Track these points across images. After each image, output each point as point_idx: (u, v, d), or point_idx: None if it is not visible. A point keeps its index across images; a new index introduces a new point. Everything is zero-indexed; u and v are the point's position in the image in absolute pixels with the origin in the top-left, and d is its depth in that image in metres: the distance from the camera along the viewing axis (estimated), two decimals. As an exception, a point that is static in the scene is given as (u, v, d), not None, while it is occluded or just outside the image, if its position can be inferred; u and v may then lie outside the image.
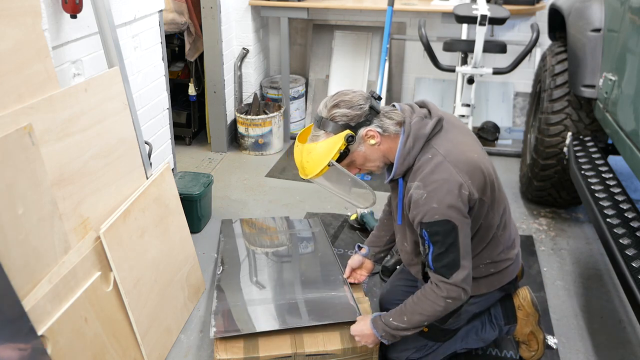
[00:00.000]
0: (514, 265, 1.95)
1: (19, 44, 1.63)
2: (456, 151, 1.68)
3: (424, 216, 1.64)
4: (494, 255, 1.86)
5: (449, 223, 1.62)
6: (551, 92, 2.89)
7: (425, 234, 1.66)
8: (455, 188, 1.62)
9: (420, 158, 1.69)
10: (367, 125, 1.69)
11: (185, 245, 2.42)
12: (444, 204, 1.61)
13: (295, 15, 3.94)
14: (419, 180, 1.66)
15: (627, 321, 2.36)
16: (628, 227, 2.04)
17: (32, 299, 1.55)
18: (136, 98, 2.57)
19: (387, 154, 1.75)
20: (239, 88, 4.11)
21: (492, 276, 1.90)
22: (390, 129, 1.70)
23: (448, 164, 1.64)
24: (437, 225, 1.62)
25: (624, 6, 2.36)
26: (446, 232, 1.63)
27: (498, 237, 1.84)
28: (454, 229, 1.63)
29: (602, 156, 2.59)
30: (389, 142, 1.72)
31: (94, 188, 1.91)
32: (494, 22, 3.07)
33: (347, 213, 3.19)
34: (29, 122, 1.59)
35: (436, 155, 1.67)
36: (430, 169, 1.65)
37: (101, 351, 1.81)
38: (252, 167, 3.82)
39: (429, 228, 1.64)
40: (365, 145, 1.71)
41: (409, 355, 1.98)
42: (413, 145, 1.68)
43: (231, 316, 2.12)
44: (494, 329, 2.05)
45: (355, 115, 1.67)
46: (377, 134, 1.70)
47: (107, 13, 2.07)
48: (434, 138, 1.71)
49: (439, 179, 1.63)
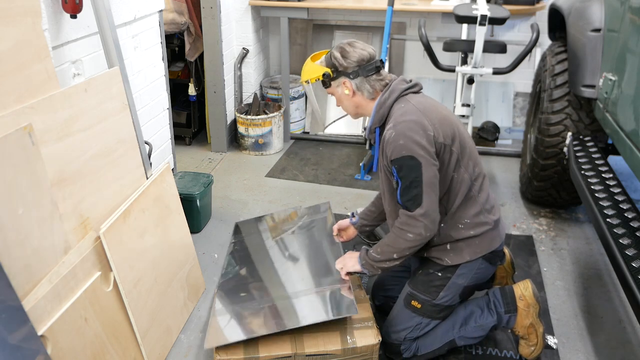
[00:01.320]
0: (495, 232, 2.02)
1: (19, 44, 1.63)
2: (427, 104, 1.94)
3: (392, 152, 1.85)
4: (472, 216, 1.97)
5: (413, 159, 1.82)
6: (551, 92, 2.89)
7: (395, 171, 1.87)
8: (419, 128, 1.84)
9: (394, 107, 1.94)
10: (349, 78, 1.97)
11: (185, 245, 2.42)
12: (409, 140, 1.82)
13: (295, 15, 3.94)
14: (390, 122, 1.91)
15: (627, 321, 2.36)
16: (628, 227, 2.04)
17: (32, 299, 1.56)
18: (136, 98, 2.57)
19: (358, 107, 2.04)
20: (239, 88, 4.11)
21: (472, 240, 1.98)
22: (364, 91, 1.98)
23: (417, 110, 1.89)
24: (402, 160, 1.83)
25: (624, 6, 2.36)
26: (410, 167, 1.83)
27: (475, 197, 1.97)
28: (418, 165, 1.82)
29: (602, 156, 2.59)
30: (360, 99, 2.00)
31: (94, 188, 1.91)
32: (494, 22, 3.07)
33: (347, 213, 3.19)
34: (29, 122, 1.59)
35: (408, 103, 1.92)
36: (401, 112, 1.90)
37: (101, 351, 1.81)
38: (252, 167, 3.82)
39: (396, 163, 1.85)
40: (342, 90, 2.01)
41: (406, 334, 2.04)
42: (389, 96, 1.95)
43: (227, 322, 2.11)
44: (492, 315, 2.07)
45: (343, 64, 1.96)
46: (351, 88, 1.98)
47: (107, 13, 2.07)
48: (410, 94, 1.96)
49: (407, 119, 1.86)
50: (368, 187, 3.52)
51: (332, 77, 1.99)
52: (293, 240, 2.62)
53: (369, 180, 3.60)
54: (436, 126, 1.87)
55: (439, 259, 2.00)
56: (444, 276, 2.00)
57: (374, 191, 3.45)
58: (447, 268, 2.00)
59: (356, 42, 2.00)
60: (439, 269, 2.01)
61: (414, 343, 2.06)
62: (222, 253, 2.83)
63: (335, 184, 3.57)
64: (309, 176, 3.69)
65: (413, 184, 1.83)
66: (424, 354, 2.07)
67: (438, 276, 2.01)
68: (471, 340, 2.09)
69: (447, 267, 1.99)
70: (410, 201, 1.85)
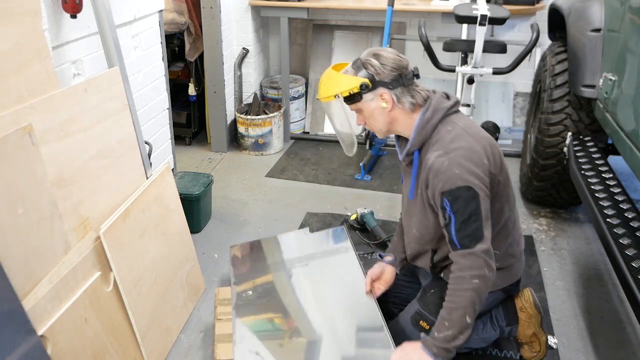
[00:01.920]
0: (518, 265, 1.96)
1: (19, 44, 1.63)
2: (474, 127, 1.76)
3: (445, 183, 1.65)
4: (503, 246, 1.86)
5: (470, 190, 1.63)
6: (551, 92, 2.89)
7: (447, 203, 1.66)
8: (476, 156, 1.67)
9: (440, 130, 1.74)
10: (389, 88, 1.74)
11: (185, 245, 2.42)
12: (466, 169, 1.64)
13: (295, 15, 3.94)
14: (440, 149, 1.70)
15: (627, 321, 2.36)
16: (628, 227, 2.04)
17: (32, 299, 1.55)
18: (136, 98, 2.57)
19: (393, 122, 1.81)
20: (239, 88, 4.11)
21: (498, 272, 1.87)
22: (405, 103, 1.76)
23: (468, 135, 1.70)
24: (458, 191, 1.63)
25: (624, 6, 2.36)
26: (468, 198, 1.63)
27: (509, 228, 1.87)
28: (475, 196, 1.63)
29: (602, 156, 2.59)
30: (399, 113, 1.78)
31: (94, 188, 1.91)
32: (494, 22, 3.06)
33: (347, 213, 3.19)
34: (29, 122, 1.59)
35: (455, 127, 1.73)
36: (451, 137, 1.70)
37: (101, 351, 1.81)
38: (252, 167, 3.82)
39: (450, 195, 1.64)
40: (377, 103, 1.77)
41: None
42: (432, 115, 1.75)
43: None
44: (494, 329, 2.05)
45: (382, 73, 1.73)
46: (391, 100, 1.75)
47: (107, 13, 2.07)
48: (452, 115, 1.78)
49: (461, 146, 1.67)
50: (368, 187, 3.52)
51: (370, 87, 1.73)
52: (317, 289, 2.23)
53: (369, 180, 3.60)
54: (488, 154, 1.71)
55: None
56: None
57: (374, 191, 3.46)
58: None
59: (386, 49, 1.78)
60: None
61: None
62: (222, 253, 2.83)
63: (335, 184, 3.57)
64: (309, 176, 3.69)
65: (472, 218, 1.64)
66: None
67: None
68: (473, 349, 2.08)
69: None
70: (469, 237, 1.65)
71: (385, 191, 3.45)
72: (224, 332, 2.09)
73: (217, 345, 2.04)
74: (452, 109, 1.78)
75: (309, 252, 2.44)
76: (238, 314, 2.06)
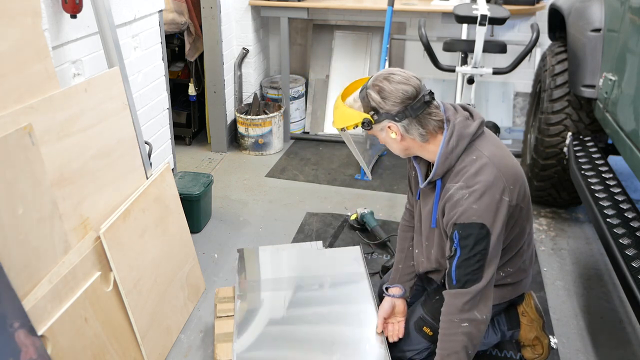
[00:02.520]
0: (527, 280, 1.95)
1: (19, 44, 1.63)
2: (500, 155, 1.67)
3: (461, 216, 1.60)
4: (517, 264, 1.85)
5: (483, 228, 1.59)
6: (551, 92, 2.89)
7: (457, 236, 1.62)
8: (498, 193, 1.60)
9: (464, 159, 1.66)
10: (395, 121, 1.66)
11: (185, 245, 2.42)
12: (484, 205, 1.59)
13: (295, 15, 3.94)
14: (462, 180, 1.63)
15: (627, 321, 2.36)
16: (628, 227, 2.04)
17: (32, 299, 1.55)
18: (136, 98, 2.57)
19: (409, 149, 1.75)
20: (239, 88, 4.11)
21: (507, 287, 1.89)
22: (415, 135, 1.68)
23: (493, 167, 1.62)
24: (471, 227, 1.59)
25: (624, 6, 2.36)
26: (478, 237, 1.59)
27: (524, 249, 1.84)
28: (487, 235, 1.59)
29: (602, 156, 2.59)
30: (410, 143, 1.72)
31: (94, 188, 1.91)
32: (494, 22, 3.06)
33: (347, 213, 3.19)
34: (29, 122, 1.59)
35: (481, 157, 1.64)
36: (475, 170, 1.63)
37: (101, 351, 1.81)
38: (252, 167, 3.82)
39: (462, 230, 1.60)
40: (387, 134, 1.71)
41: (413, 355, 1.97)
42: (457, 144, 1.66)
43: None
44: (496, 334, 2.04)
45: (384, 107, 1.66)
46: (399, 132, 1.69)
47: (107, 13, 2.07)
48: (477, 140, 1.69)
49: (484, 180, 1.60)
50: (368, 187, 3.52)
51: (374, 122, 1.68)
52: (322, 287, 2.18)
53: (369, 181, 3.60)
54: (512, 188, 1.64)
55: None
56: None
57: (374, 191, 3.46)
58: None
59: (394, 74, 1.65)
60: None
61: None
62: (222, 253, 2.83)
63: (335, 184, 3.57)
64: (309, 176, 3.69)
65: (476, 257, 1.60)
66: None
67: None
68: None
69: None
70: (468, 276, 1.61)
71: (385, 191, 3.45)
72: (224, 331, 2.09)
73: (217, 345, 2.04)
74: (477, 133, 1.69)
75: (320, 273, 2.27)
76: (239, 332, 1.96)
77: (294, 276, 2.26)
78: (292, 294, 2.14)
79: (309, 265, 2.33)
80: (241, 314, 2.04)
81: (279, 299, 2.12)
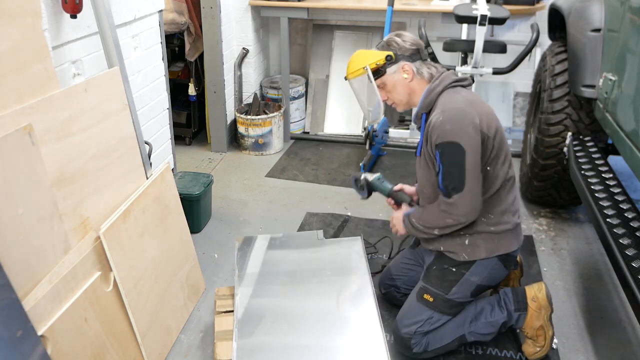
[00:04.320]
0: (514, 235, 2.05)
1: (19, 44, 1.63)
2: (475, 99, 1.97)
3: (438, 137, 1.88)
4: (497, 212, 2.00)
5: (458, 146, 1.85)
6: (551, 92, 2.89)
7: (438, 155, 1.90)
8: (468, 116, 1.87)
9: (444, 97, 1.95)
10: (409, 61, 2.00)
11: (185, 245, 2.42)
12: (456, 126, 1.85)
13: (295, 15, 3.94)
14: (439, 109, 1.92)
15: (627, 321, 2.36)
16: (628, 227, 2.04)
17: (32, 299, 1.56)
18: (136, 98, 2.57)
19: (412, 94, 2.04)
20: (239, 88, 4.11)
21: (492, 237, 2.00)
22: (424, 74, 2.01)
23: (466, 101, 1.92)
24: (448, 146, 1.86)
25: (624, 6, 2.36)
26: (455, 153, 1.85)
27: (504, 196, 2.01)
28: (462, 151, 1.85)
29: (602, 156, 2.59)
30: (418, 83, 2.01)
31: (94, 188, 1.91)
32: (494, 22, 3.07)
33: (347, 213, 3.19)
34: (29, 122, 1.59)
35: (457, 95, 1.94)
36: (449, 100, 1.93)
37: (101, 351, 1.81)
38: (252, 167, 3.82)
39: (440, 148, 1.88)
40: (399, 75, 2.01)
41: (417, 328, 2.04)
42: (438, 84, 1.97)
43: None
44: (502, 312, 2.08)
45: (403, 48, 2.00)
46: (412, 71, 2.00)
47: (107, 13, 2.07)
48: (459, 87, 1.98)
49: (456, 107, 1.89)
50: (368, 187, 3.51)
51: (393, 60, 1.99)
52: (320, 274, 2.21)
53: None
54: (482, 117, 1.90)
55: (455, 254, 2.03)
56: (458, 272, 2.03)
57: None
58: (462, 264, 2.03)
59: (403, 32, 2.06)
60: (454, 265, 2.04)
61: (424, 338, 2.06)
62: (222, 253, 2.83)
63: (335, 184, 3.57)
64: (309, 176, 3.69)
65: (455, 170, 1.87)
66: (434, 349, 2.08)
67: (452, 271, 2.04)
68: (481, 336, 2.10)
69: (462, 263, 2.02)
70: (451, 186, 1.89)
71: (385, 191, 3.45)
72: (224, 328, 2.10)
73: (217, 344, 2.04)
74: (459, 83, 1.98)
75: (320, 264, 2.28)
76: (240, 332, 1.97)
77: (294, 266, 2.29)
78: (292, 286, 2.19)
79: (310, 255, 2.36)
80: (241, 309, 2.06)
81: (279, 291, 2.16)
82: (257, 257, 2.35)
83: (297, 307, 2.09)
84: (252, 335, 1.96)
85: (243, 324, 2.00)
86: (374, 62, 2.01)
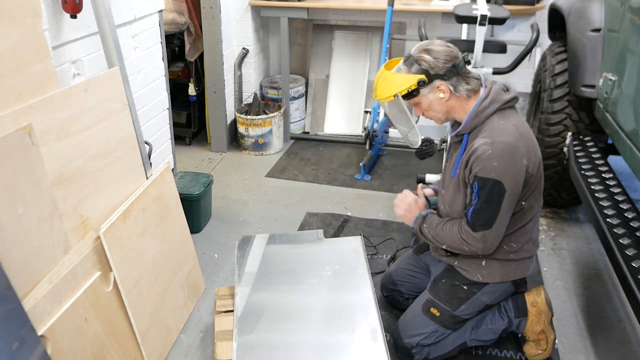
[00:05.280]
0: (530, 263, 2.03)
1: (19, 44, 1.63)
2: (524, 127, 1.85)
3: (481, 170, 1.77)
4: (520, 242, 1.94)
5: (500, 185, 1.76)
6: (551, 92, 2.89)
7: (476, 186, 1.79)
8: (517, 155, 1.76)
9: (493, 120, 1.83)
10: (444, 79, 1.82)
11: (185, 245, 2.42)
12: (504, 166, 1.75)
13: (295, 15, 3.94)
14: (488, 137, 1.79)
15: (627, 321, 2.36)
16: (628, 227, 2.04)
17: (32, 299, 1.55)
18: (136, 98, 2.57)
19: (451, 111, 1.90)
20: (239, 88, 4.11)
21: (510, 264, 1.96)
22: (462, 91, 1.84)
23: (517, 132, 1.79)
24: (489, 181, 1.76)
25: (624, 6, 2.36)
26: (495, 192, 1.77)
27: (529, 227, 1.95)
28: (502, 192, 1.76)
29: (602, 156, 2.59)
30: (456, 101, 1.86)
31: (94, 188, 1.91)
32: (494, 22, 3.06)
33: (347, 213, 3.19)
34: (29, 122, 1.59)
35: (508, 122, 1.81)
36: (500, 130, 1.79)
37: (101, 351, 1.81)
38: (252, 167, 3.82)
39: (481, 182, 1.78)
40: (435, 95, 1.85)
41: (420, 340, 2.03)
42: (489, 105, 1.83)
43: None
44: (503, 319, 2.08)
45: (436, 66, 1.81)
46: (448, 90, 1.84)
47: (107, 13, 2.07)
48: (508, 110, 1.86)
49: (507, 142, 1.76)
50: (368, 187, 3.52)
51: (426, 82, 1.81)
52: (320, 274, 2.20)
53: (369, 180, 3.60)
54: (530, 155, 1.81)
55: (468, 273, 1.99)
56: (470, 290, 2.00)
57: (374, 191, 3.46)
58: (474, 283, 1.99)
59: (433, 42, 1.85)
60: (466, 283, 2.00)
61: (426, 347, 2.05)
62: (222, 253, 2.83)
63: (335, 184, 3.57)
64: (309, 176, 3.69)
65: (490, 208, 1.79)
66: (435, 357, 2.07)
67: (463, 289, 2.00)
68: (482, 342, 2.10)
69: (475, 282, 1.98)
70: (480, 222, 1.82)
71: (385, 191, 3.45)
72: (224, 328, 2.10)
73: (217, 344, 2.04)
74: (509, 103, 1.86)
75: (320, 263, 2.27)
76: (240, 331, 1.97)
77: (294, 266, 2.29)
78: (292, 285, 2.18)
79: (309, 254, 2.36)
80: (241, 308, 2.06)
81: (279, 290, 2.16)
82: (256, 256, 2.35)
83: (297, 306, 2.09)
84: (252, 334, 1.96)
85: (243, 323, 2.00)
86: (406, 88, 1.83)
